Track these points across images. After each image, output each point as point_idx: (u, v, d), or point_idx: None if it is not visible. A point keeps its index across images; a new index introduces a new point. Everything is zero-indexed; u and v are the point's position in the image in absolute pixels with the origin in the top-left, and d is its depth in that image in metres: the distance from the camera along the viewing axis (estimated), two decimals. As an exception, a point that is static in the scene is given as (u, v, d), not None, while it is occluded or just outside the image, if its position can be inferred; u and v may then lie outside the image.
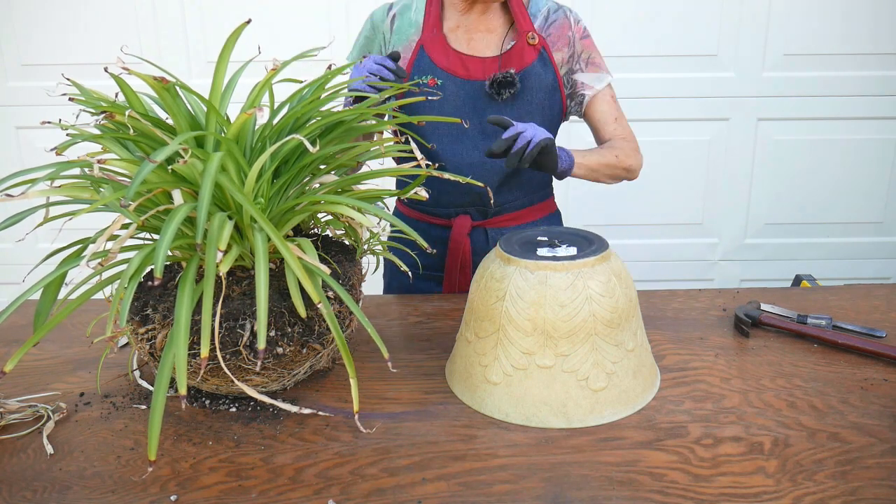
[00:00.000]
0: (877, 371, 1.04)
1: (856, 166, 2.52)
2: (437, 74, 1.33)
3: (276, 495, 0.79)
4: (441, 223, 1.42)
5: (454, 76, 1.33)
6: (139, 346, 0.92)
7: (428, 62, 1.33)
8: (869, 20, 2.37)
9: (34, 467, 0.84)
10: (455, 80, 1.33)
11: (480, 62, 1.33)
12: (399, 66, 1.22)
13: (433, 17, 1.35)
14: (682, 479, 0.80)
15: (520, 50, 1.33)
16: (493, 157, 1.16)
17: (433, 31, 1.34)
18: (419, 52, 1.34)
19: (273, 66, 0.91)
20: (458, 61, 1.33)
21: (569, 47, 1.36)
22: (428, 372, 1.06)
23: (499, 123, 1.18)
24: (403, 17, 1.36)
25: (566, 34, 1.35)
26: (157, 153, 0.73)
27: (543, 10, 1.36)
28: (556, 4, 1.37)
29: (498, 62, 1.33)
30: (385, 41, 1.38)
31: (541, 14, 1.36)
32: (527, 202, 1.42)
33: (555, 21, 1.35)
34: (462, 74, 1.33)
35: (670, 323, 1.21)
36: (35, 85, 2.44)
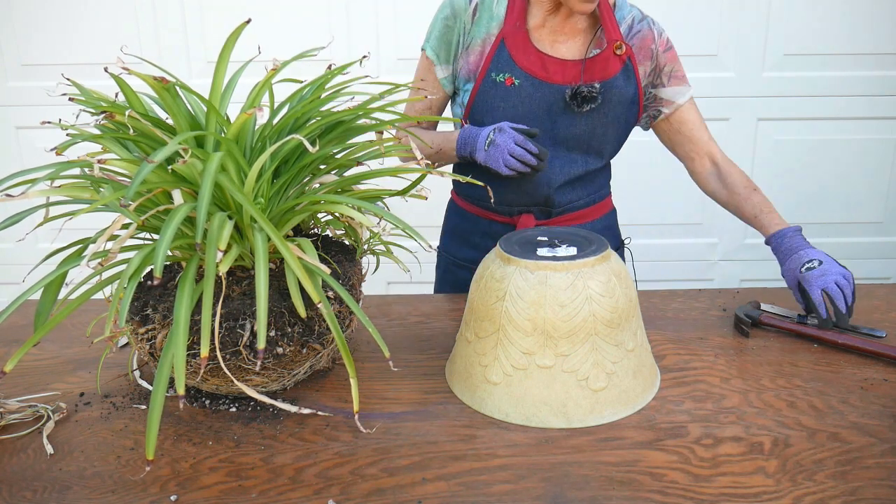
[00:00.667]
0: (877, 371, 1.04)
1: (856, 166, 2.52)
2: (515, 73, 1.27)
3: (276, 495, 0.79)
4: (504, 220, 1.40)
5: (533, 77, 1.27)
6: (139, 346, 0.92)
7: (507, 58, 1.28)
8: (869, 20, 2.37)
9: (34, 467, 0.84)
10: (533, 81, 1.28)
11: (561, 65, 1.28)
12: (542, 149, 1.20)
13: (517, 10, 1.28)
14: (682, 479, 0.80)
15: (605, 59, 1.28)
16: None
17: (515, 25, 1.28)
18: (499, 47, 1.28)
19: (273, 66, 0.91)
20: (539, 61, 1.28)
21: (651, 60, 1.32)
22: (428, 372, 1.06)
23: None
24: (485, 8, 1.30)
25: (649, 46, 1.31)
26: (156, 153, 0.73)
27: (628, 18, 1.32)
28: (640, 13, 1.33)
29: (580, 67, 1.28)
30: (465, 31, 1.31)
31: (625, 22, 1.31)
32: (589, 202, 1.41)
33: (639, 32, 1.31)
34: (541, 76, 1.28)
35: (670, 323, 1.21)
36: (35, 85, 2.44)
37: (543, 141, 1.31)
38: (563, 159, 1.33)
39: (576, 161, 1.33)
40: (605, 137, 1.33)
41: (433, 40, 1.34)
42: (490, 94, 1.30)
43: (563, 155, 1.33)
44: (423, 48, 1.36)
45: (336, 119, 0.96)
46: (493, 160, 1.22)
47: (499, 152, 1.21)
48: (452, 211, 1.51)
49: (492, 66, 1.28)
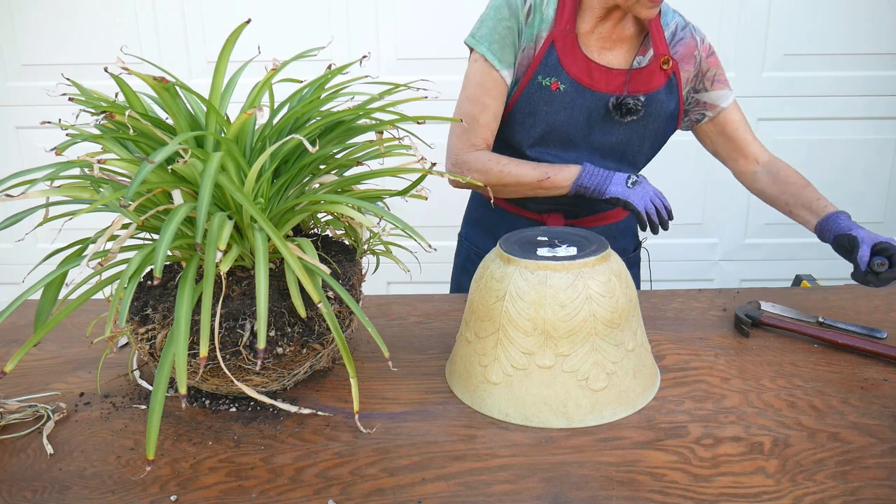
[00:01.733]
0: (877, 371, 1.04)
1: (856, 166, 2.52)
2: (562, 78, 1.26)
3: (276, 495, 0.79)
4: (532, 217, 1.41)
5: (578, 83, 1.27)
6: (139, 346, 0.92)
7: (555, 62, 1.26)
8: (869, 20, 2.37)
9: (34, 467, 0.84)
10: (577, 87, 1.27)
11: (606, 73, 1.27)
12: (670, 214, 1.23)
13: (567, 13, 1.27)
14: (682, 479, 0.80)
15: (650, 72, 1.28)
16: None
17: (565, 28, 1.26)
18: (548, 49, 1.26)
19: (273, 66, 0.91)
20: (585, 67, 1.27)
21: (694, 66, 1.32)
22: (428, 372, 1.06)
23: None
24: (537, 11, 1.27)
25: (692, 53, 1.32)
26: (156, 153, 0.73)
27: (672, 24, 1.32)
28: (683, 20, 1.33)
29: (625, 77, 1.27)
30: (520, 30, 1.27)
31: (669, 29, 1.32)
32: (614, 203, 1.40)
33: (682, 39, 1.32)
34: (586, 83, 1.27)
35: (670, 323, 1.21)
36: (35, 85, 2.44)
37: (578, 145, 1.31)
38: (597, 165, 1.31)
39: (608, 168, 1.32)
40: (641, 149, 1.34)
41: (493, 44, 1.26)
42: (534, 97, 1.28)
43: (596, 162, 1.32)
44: (475, 49, 1.28)
45: (336, 119, 0.96)
46: (635, 196, 1.23)
47: (644, 192, 1.23)
48: (477, 201, 1.51)
49: (539, 69, 1.27)
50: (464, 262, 1.55)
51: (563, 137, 1.30)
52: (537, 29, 1.27)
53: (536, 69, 1.26)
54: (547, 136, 1.30)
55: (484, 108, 1.29)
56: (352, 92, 1.00)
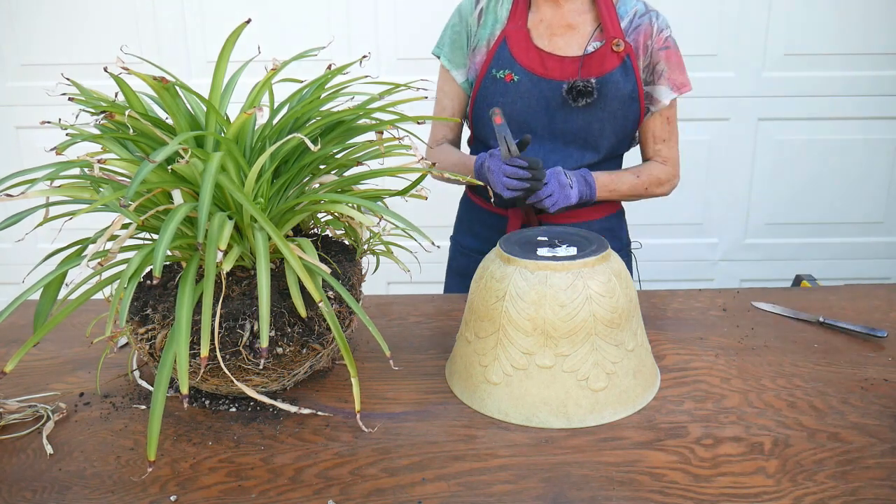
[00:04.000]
0: (877, 371, 1.04)
1: (856, 166, 2.52)
2: (515, 70, 1.30)
3: (276, 495, 0.79)
4: (498, 212, 1.42)
5: (532, 73, 1.30)
6: (139, 346, 0.92)
7: (508, 56, 1.31)
8: (869, 20, 2.37)
9: (34, 467, 0.84)
10: (531, 78, 1.30)
11: (559, 61, 1.30)
12: (532, 160, 1.22)
13: (520, 10, 1.33)
14: (683, 479, 0.80)
15: (602, 55, 1.29)
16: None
17: (517, 24, 1.32)
18: (501, 44, 1.32)
19: (273, 66, 0.91)
20: (538, 58, 1.31)
21: (646, 56, 1.32)
22: (428, 372, 1.06)
23: (532, 166, 1.23)
24: (489, 12, 1.34)
25: (646, 42, 1.32)
26: (156, 153, 0.72)
27: (631, 11, 1.32)
28: (644, 7, 1.33)
29: (578, 64, 1.29)
30: (472, 33, 1.35)
31: (628, 16, 1.32)
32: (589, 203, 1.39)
33: (639, 26, 1.31)
34: (540, 72, 1.30)
35: (670, 323, 1.21)
36: (35, 85, 2.44)
37: (539, 135, 1.33)
38: (560, 153, 1.35)
39: (572, 155, 1.35)
40: (602, 132, 1.33)
41: (446, 48, 1.39)
42: (490, 90, 1.33)
43: (559, 149, 1.35)
44: (438, 57, 1.41)
45: (336, 119, 0.96)
46: (495, 187, 1.25)
47: (495, 178, 1.24)
48: (464, 202, 1.55)
49: (493, 63, 1.32)
50: (451, 259, 1.58)
51: (525, 128, 1.33)
52: (491, 28, 1.34)
53: (490, 63, 1.32)
54: (510, 125, 1.32)
55: (442, 108, 1.44)
56: (352, 92, 1.00)
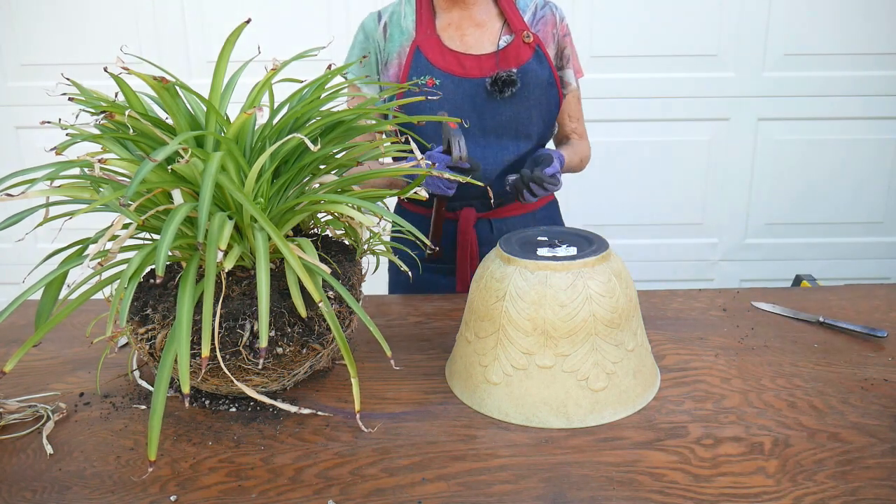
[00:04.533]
0: (877, 371, 1.04)
1: (856, 166, 2.52)
2: (435, 74, 1.33)
3: (276, 495, 0.79)
4: (447, 216, 1.43)
5: (452, 75, 1.33)
6: (139, 346, 0.92)
7: (425, 63, 1.34)
8: (869, 20, 2.37)
9: (34, 467, 0.84)
10: (453, 79, 1.33)
11: (476, 60, 1.34)
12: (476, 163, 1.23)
13: (425, 18, 1.36)
14: (683, 479, 0.80)
15: (516, 48, 1.34)
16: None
17: (426, 32, 1.35)
18: (415, 54, 1.34)
19: (273, 66, 0.91)
20: (455, 60, 1.34)
21: (554, 44, 1.39)
22: (428, 372, 1.06)
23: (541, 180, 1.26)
24: (394, 25, 1.37)
25: (552, 31, 1.38)
26: (157, 152, 0.72)
27: (531, 5, 1.39)
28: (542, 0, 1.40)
29: (495, 59, 1.34)
30: (380, 49, 1.38)
31: (529, 9, 1.38)
32: None
33: (542, 17, 1.38)
34: (459, 73, 1.33)
35: (670, 323, 1.21)
36: (35, 85, 2.44)
37: (472, 133, 1.35)
38: (495, 147, 1.37)
39: (507, 147, 1.38)
40: (531, 120, 1.37)
41: (353, 66, 1.39)
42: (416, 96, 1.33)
43: (494, 143, 1.37)
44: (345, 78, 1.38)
45: (336, 119, 0.96)
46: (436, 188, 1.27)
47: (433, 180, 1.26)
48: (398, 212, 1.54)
49: (411, 72, 1.35)
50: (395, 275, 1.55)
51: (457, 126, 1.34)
52: (399, 42, 1.36)
53: (409, 72, 1.35)
54: (438, 129, 1.35)
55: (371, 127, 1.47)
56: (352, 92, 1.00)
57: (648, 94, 2.44)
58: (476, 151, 1.36)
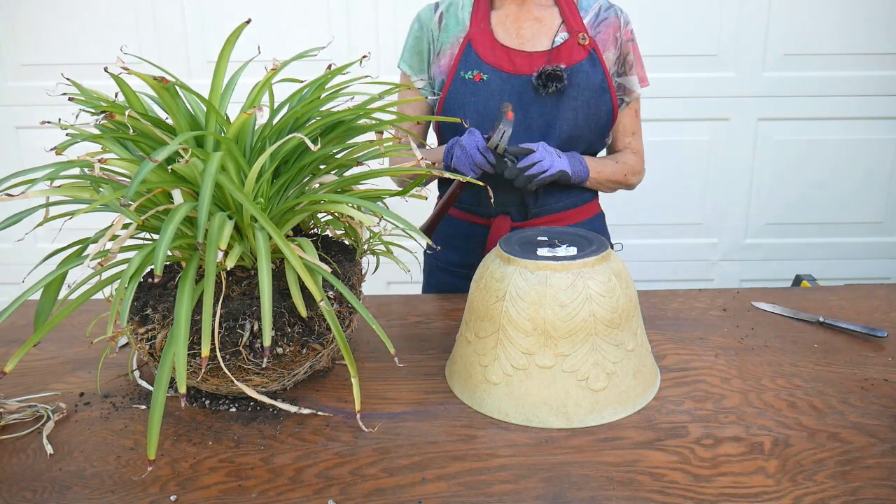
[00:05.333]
0: (877, 371, 1.04)
1: (856, 166, 2.52)
2: (483, 69, 1.31)
3: (276, 495, 0.79)
4: (481, 222, 1.41)
5: (500, 71, 1.31)
6: (139, 346, 0.92)
7: (475, 57, 1.32)
8: (869, 20, 2.37)
9: (34, 467, 0.84)
10: (501, 75, 1.31)
11: (527, 57, 1.32)
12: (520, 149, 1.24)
13: (481, 11, 1.34)
14: (683, 479, 0.80)
15: (569, 48, 1.31)
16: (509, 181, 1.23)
17: (480, 26, 1.33)
18: (466, 48, 1.33)
19: (273, 66, 0.91)
20: (505, 56, 1.32)
21: (616, 48, 1.35)
22: (428, 372, 1.06)
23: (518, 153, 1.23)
24: (450, 16, 1.36)
25: (615, 35, 1.34)
26: (157, 152, 0.72)
27: (595, 6, 1.35)
28: (607, 2, 1.36)
29: (546, 58, 1.31)
30: (433, 39, 1.36)
31: (592, 10, 1.35)
32: (570, 204, 1.41)
33: (605, 19, 1.34)
34: (508, 69, 1.31)
35: (670, 323, 1.21)
36: (35, 85, 2.44)
37: (516, 131, 1.33)
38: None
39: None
40: (577, 122, 1.33)
41: (406, 55, 1.41)
42: (460, 92, 1.33)
43: (536, 141, 1.33)
44: (399, 66, 1.43)
45: (336, 119, 0.96)
46: (459, 161, 1.26)
47: (467, 153, 1.25)
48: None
49: (460, 66, 1.33)
50: (428, 276, 1.55)
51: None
52: (454, 32, 1.35)
53: (458, 66, 1.33)
54: (481, 126, 1.33)
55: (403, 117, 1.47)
56: (352, 92, 1.00)
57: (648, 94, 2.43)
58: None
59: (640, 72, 1.39)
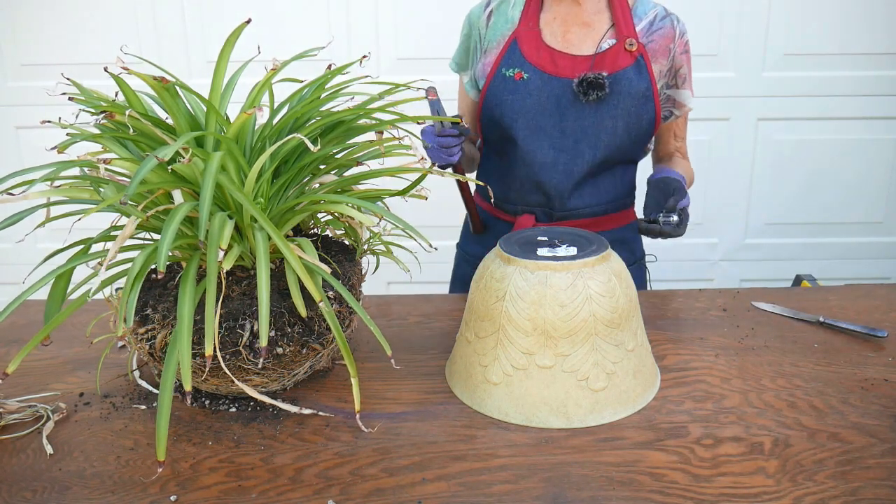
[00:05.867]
0: (877, 371, 1.04)
1: (855, 166, 2.52)
2: (525, 68, 1.29)
3: (276, 495, 0.79)
4: (506, 219, 1.40)
5: (542, 71, 1.29)
6: (139, 346, 0.92)
7: (518, 56, 1.30)
8: (869, 20, 2.37)
9: (34, 467, 0.84)
10: (542, 76, 1.29)
11: (571, 60, 1.29)
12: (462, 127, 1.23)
13: (532, 9, 1.32)
14: (683, 479, 0.80)
15: (615, 52, 1.28)
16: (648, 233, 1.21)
17: (528, 25, 1.31)
18: (511, 45, 1.31)
19: (273, 66, 0.91)
20: (549, 56, 1.29)
21: (668, 60, 1.31)
22: (428, 372, 1.06)
23: (672, 210, 1.19)
24: (500, 14, 1.34)
25: (668, 45, 1.30)
26: (159, 151, 0.73)
27: (651, 13, 1.31)
28: (664, 10, 1.32)
29: (590, 62, 1.28)
30: (480, 37, 1.35)
31: (647, 18, 1.31)
32: (601, 210, 1.37)
33: (660, 29, 1.30)
34: (550, 70, 1.29)
35: (670, 323, 1.21)
36: (35, 85, 2.44)
37: (551, 134, 1.31)
38: (571, 152, 1.31)
39: (583, 154, 1.31)
40: (615, 131, 1.30)
41: (455, 54, 1.43)
42: (500, 88, 1.32)
43: (570, 147, 1.31)
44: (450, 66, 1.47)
45: (336, 119, 0.96)
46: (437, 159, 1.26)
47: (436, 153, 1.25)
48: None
49: (503, 63, 1.31)
50: (456, 267, 1.57)
51: (533, 124, 1.31)
52: (501, 30, 1.34)
53: (500, 63, 1.32)
54: (515, 124, 1.31)
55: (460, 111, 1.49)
56: (352, 92, 1.00)
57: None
58: (550, 153, 1.31)
59: (692, 84, 1.37)
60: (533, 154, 1.31)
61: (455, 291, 1.56)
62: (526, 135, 1.31)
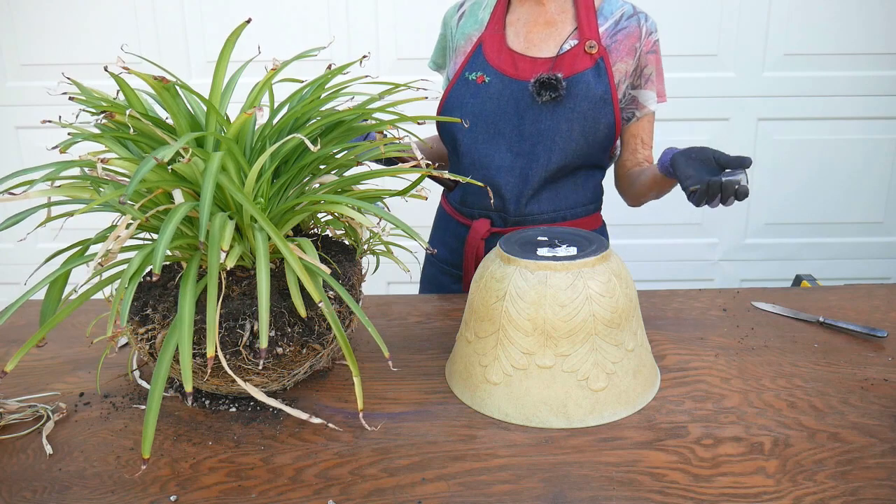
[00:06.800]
0: (877, 371, 1.04)
1: (855, 166, 2.52)
2: (487, 71, 1.30)
3: (276, 495, 0.79)
4: (464, 222, 1.39)
5: (503, 74, 1.29)
6: (139, 346, 0.92)
7: (482, 59, 1.31)
8: (869, 20, 2.37)
9: (34, 467, 0.84)
10: (503, 79, 1.29)
11: (531, 62, 1.29)
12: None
13: (499, 11, 1.33)
14: (682, 479, 0.80)
15: (574, 55, 1.26)
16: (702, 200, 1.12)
17: (495, 28, 1.32)
18: (477, 49, 1.32)
19: (273, 66, 0.91)
20: (510, 59, 1.30)
21: (634, 59, 1.29)
22: (428, 372, 1.06)
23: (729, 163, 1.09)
24: (471, 15, 1.35)
25: (634, 45, 1.28)
26: (160, 150, 0.73)
27: (617, 13, 1.29)
28: (632, 9, 1.30)
29: (549, 64, 1.27)
30: (452, 36, 1.36)
31: (613, 17, 1.29)
32: (560, 217, 1.35)
33: (625, 28, 1.28)
34: (510, 73, 1.29)
35: (670, 323, 1.21)
36: (35, 85, 2.44)
37: (510, 137, 1.30)
38: (527, 156, 1.29)
39: (538, 158, 1.29)
40: (571, 134, 1.27)
41: (434, 53, 1.45)
42: (462, 91, 1.33)
43: (527, 151, 1.29)
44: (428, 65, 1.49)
45: (336, 119, 0.96)
46: None
47: None
48: (439, 211, 1.53)
49: (467, 66, 1.33)
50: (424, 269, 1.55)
51: (492, 128, 1.31)
52: (469, 30, 1.35)
53: (465, 66, 1.33)
54: (476, 126, 1.31)
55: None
56: (352, 92, 1.00)
57: (648, 94, 2.44)
58: (507, 157, 1.30)
59: (660, 87, 1.33)
60: (490, 157, 1.31)
61: (424, 292, 1.53)
62: (485, 138, 1.31)
